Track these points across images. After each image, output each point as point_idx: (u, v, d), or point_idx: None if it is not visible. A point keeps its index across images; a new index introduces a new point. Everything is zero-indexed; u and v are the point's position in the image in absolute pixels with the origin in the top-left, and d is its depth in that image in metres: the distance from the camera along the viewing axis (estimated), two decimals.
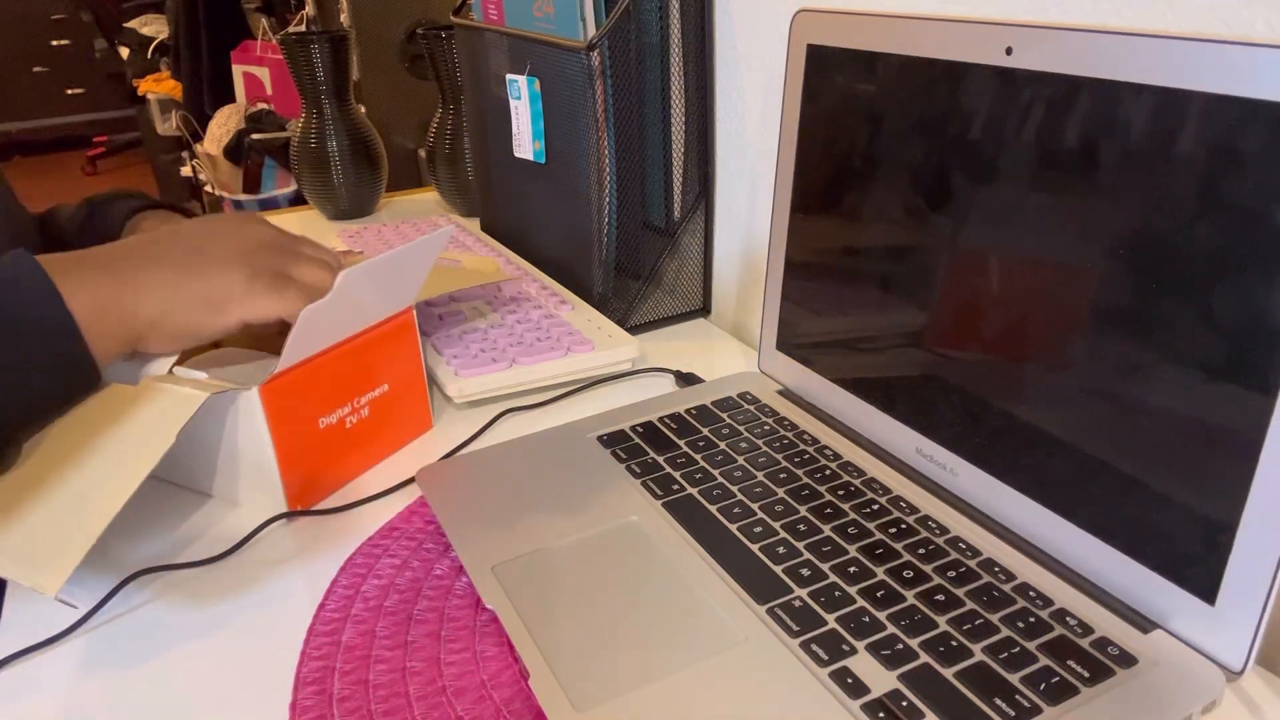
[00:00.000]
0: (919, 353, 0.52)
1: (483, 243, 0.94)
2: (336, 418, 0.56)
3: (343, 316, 0.55)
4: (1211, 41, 0.36)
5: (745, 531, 0.49)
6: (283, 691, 0.42)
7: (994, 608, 0.43)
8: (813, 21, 0.56)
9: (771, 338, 0.64)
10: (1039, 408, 0.45)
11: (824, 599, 0.44)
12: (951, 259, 0.49)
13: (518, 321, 0.74)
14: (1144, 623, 0.41)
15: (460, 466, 0.56)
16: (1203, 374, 0.38)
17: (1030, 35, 0.43)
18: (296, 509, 0.55)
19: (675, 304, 0.83)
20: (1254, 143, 0.35)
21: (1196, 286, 0.38)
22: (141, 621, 0.47)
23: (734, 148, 0.78)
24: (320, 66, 1.03)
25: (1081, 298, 0.42)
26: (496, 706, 0.41)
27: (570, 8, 0.71)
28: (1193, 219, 0.38)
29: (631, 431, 0.59)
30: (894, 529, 0.48)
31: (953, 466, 0.50)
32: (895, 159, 0.51)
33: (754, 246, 0.79)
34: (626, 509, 0.51)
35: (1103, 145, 0.41)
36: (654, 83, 0.75)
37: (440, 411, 0.67)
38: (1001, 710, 0.37)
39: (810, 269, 0.60)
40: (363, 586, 0.49)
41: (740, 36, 0.74)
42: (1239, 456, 0.37)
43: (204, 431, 0.53)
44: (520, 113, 0.81)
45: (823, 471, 0.54)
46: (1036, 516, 0.46)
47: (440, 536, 0.52)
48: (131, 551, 0.52)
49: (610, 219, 0.76)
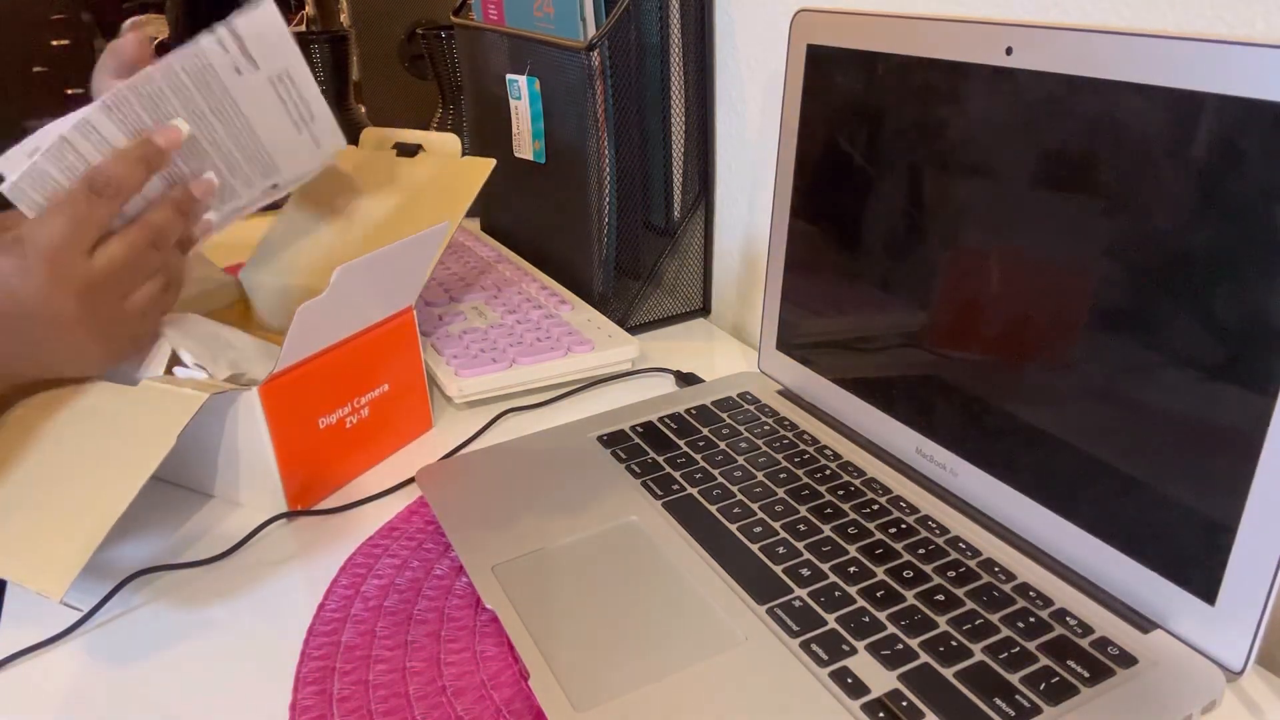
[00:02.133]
0: (919, 353, 0.52)
1: (482, 242, 0.94)
2: (336, 418, 0.56)
3: (341, 314, 0.54)
4: (1212, 41, 0.36)
5: (745, 531, 0.49)
6: (283, 691, 0.42)
7: (994, 608, 0.43)
8: (813, 21, 0.56)
9: (771, 338, 0.64)
10: (1039, 408, 0.45)
11: (824, 599, 0.44)
12: (951, 259, 0.49)
13: (518, 321, 0.74)
14: (1144, 623, 0.41)
15: (460, 466, 0.56)
16: (1203, 374, 0.38)
17: (1030, 35, 0.43)
18: (296, 509, 0.55)
19: (675, 304, 0.83)
20: (1254, 142, 0.35)
21: (1196, 286, 0.38)
22: (141, 621, 0.47)
23: (734, 148, 0.78)
24: (320, 66, 1.03)
25: (1081, 297, 0.42)
26: (496, 706, 0.41)
27: (570, 8, 0.71)
28: (1193, 219, 0.38)
29: (631, 431, 0.59)
30: (894, 529, 0.48)
31: (953, 466, 0.50)
32: (895, 159, 0.51)
33: (754, 246, 0.79)
34: (626, 509, 0.51)
35: (1102, 145, 0.40)
36: (654, 83, 0.75)
37: (440, 411, 0.67)
38: (1001, 710, 0.37)
39: (810, 269, 0.60)
40: (363, 586, 0.49)
41: (740, 36, 0.74)
42: (1239, 456, 0.37)
43: (204, 431, 0.53)
44: (520, 113, 0.81)
45: (823, 471, 0.54)
46: (1036, 516, 0.46)
47: (440, 536, 0.52)
48: (132, 551, 0.52)
49: (610, 219, 0.76)
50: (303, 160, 0.59)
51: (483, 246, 0.92)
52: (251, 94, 0.57)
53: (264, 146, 0.58)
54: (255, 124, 0.57)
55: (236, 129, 0.57)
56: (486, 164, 0.69)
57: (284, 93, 0.58)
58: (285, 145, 0.58)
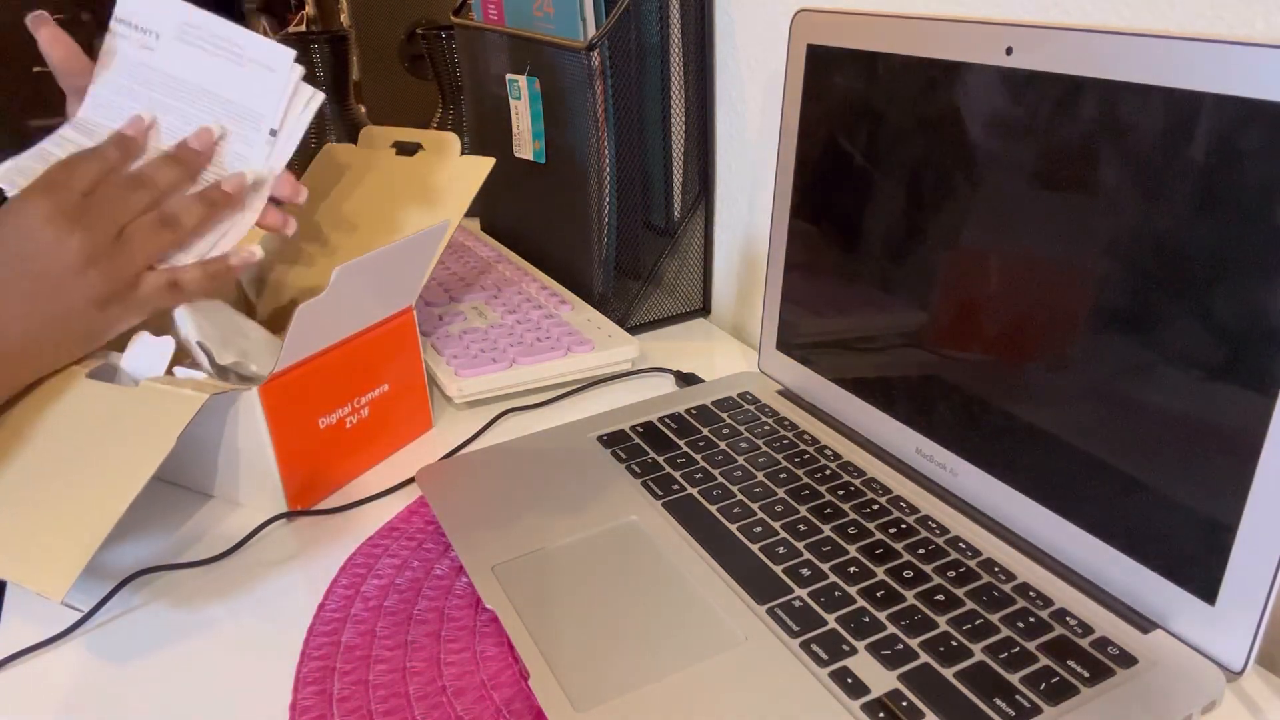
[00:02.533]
0: (919, 352, 0.52)
1: (482, 242, 0.94)
2: (336, 418, 0.56)
3: (341, 314, 0.54)
4: (1212, 41, 0.36)
5: (745, 531, 0.49)
6: (283, 691, 0.42)
7: (994, 608, 0.43)
8: (813, 21, 0.56)
9: (771, 338, 0.64)
10: (1039, 407, 0.45)
11: (824, 599, 0.44)
12: (951, 258, 0.49)
13: (517, 321, 0.74)
14: (1144, 623, 0.41)
15: (460, 466, 0.56)
16: (1203, 374, 0.38)
17: (1030, 35, 0.43)
18: (296, 509, 0.55)
19: (675, 304, 0.83)
20: (1254, 143, 0.35)
21: (1196, 286, 0.38)
22: (142, 621, 0.47)
23: (734, 148, 0.78)
24: (320, 66, 1.03)
25: (1082, 297, 0.42)
26: (496, 706, 0.41)
27: (570, 8, 0.71)
28: (1193, 219, 0.38)
29: (631, 431, 0.59)
30: (894, 529, 0.48)
31: (953, 466, 0.50)
32: (895, 159, 0.51)
33: (754, 246, 0.79)
34: (626, 509, 0.51)
35: (1103, 145, 0.40)
36: (654, 83, 0.75)
37: (440, 411, 0.67)
38: (1001, 710, 0.37)
39: (810, 269, 0.60)
40: (363, 586, 0.49)
41: (740, 36, 0.74)
42: (1239, 456, 0.37)
43: (204, 431, 0.53)
44: (520, 113, 0.81)
45: (823, 471, 0.54)
46: (1036, 516, 0.46)
47: (440, 536, 0.52)
48: (132, 551, 0.52)
49: (610, 219, 0.76)
50: (272, 92, 0.59)
51: (483, 246, 0.92)
52: (175, 59, 0.58)
53: (227, 98, 0.58)
54: (203, 82, 0.58)
55: (193, 96, 0.58)
56: (486, 163, 0.69)
57: (199, 41, 0.58)
58: (241, 86, 0.59)
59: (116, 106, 0.57)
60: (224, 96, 0.57)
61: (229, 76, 0.58)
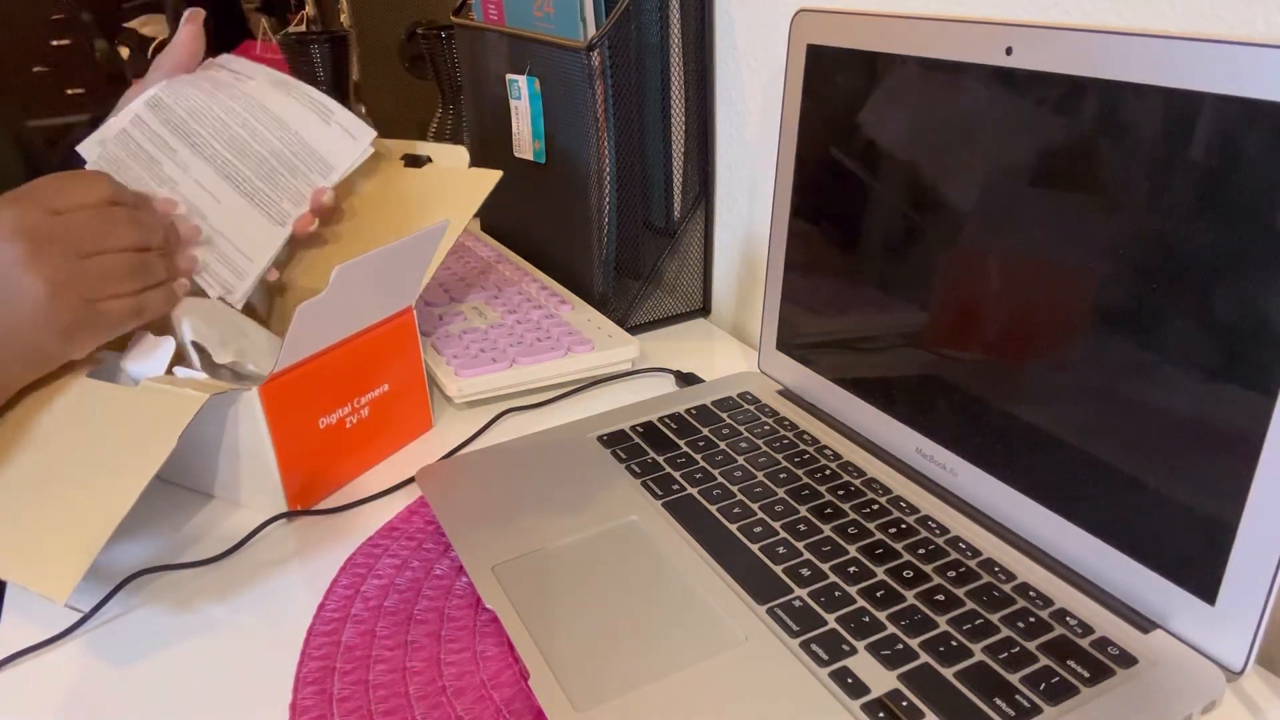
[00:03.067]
0: (919, 352, 0.52)
1: (482, 242, 0.94)
2: (336, 418, 0.56)
3: (341, 313, 0.54)
4: (1212, 41, 0.36)
5: (745, 531, 0.49)
6: (283, 691, 0.42)
7: (994, 608, 0.43)
8: (813, 21, 0.56)
9: (771, 338, 0.64)
10: (1039, 407, 0.45)
11: (824, 599, 0.44)
12: (951, 258, 0.49)
13: (517, 321, 0.74)
14: (1144, 623, 0.41)
15: (460, 466, 0.56)
16: (1203, 374, 0.38)
17: (1030, 35, 0.43)
18: (296, 509, 0.55)
19: (675, 304, 0.83)
20: (1255, 143, 0.35)
21: (1196, 286, 0.38)
22: (142, 621, 0.47)
23: (734, 148, 0.78)
24: (320, 66, 1.03)
25: (1082, 298, 0.42)
26: (496, 706, 0.41)
27: (570, 8, 0.71)
28: (1193, 219, 0.38)
29: (631, 431, 0.59)
30: (894, 529, 0.48)
31: (953, 466, 0.50)
32: (895, 159, 0.51)
33: (754, 246, 0.79)
34: (626, 509, 0.51)
35: (1103, 145, 0.40)
36: (654, 83, 0.75)
37: (440, 411, 0.67)
38: (1001, 710, 0.37)
39: (810, 269, 0.60)
40: (363, 586, 0.49)
41: (740, 36, 0.74)
42: (1239, 456, 0.37)
43: (204, 431, 0.53)
44: (520, 113, 0.81)
45: (823, 471, 0.54)
46: (1036, 516, 0.46)
47: (440, 536, 0.52)
48: (132, 552, 0.52)
49: (610, 219, 0.76)
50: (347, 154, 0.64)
51: (483, 246, 0.92)
52: (268, 94, 0.63)
53: (305, 139, 0.63)
54: (287, 119, 0.63)
55: (272, 122, 0.62)
56: (492, 175, 0.68)
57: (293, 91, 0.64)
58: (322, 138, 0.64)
59: (190, 100, 0.60)
60: (303, 137, 0.62)
61: (312, 126, 0.63)
